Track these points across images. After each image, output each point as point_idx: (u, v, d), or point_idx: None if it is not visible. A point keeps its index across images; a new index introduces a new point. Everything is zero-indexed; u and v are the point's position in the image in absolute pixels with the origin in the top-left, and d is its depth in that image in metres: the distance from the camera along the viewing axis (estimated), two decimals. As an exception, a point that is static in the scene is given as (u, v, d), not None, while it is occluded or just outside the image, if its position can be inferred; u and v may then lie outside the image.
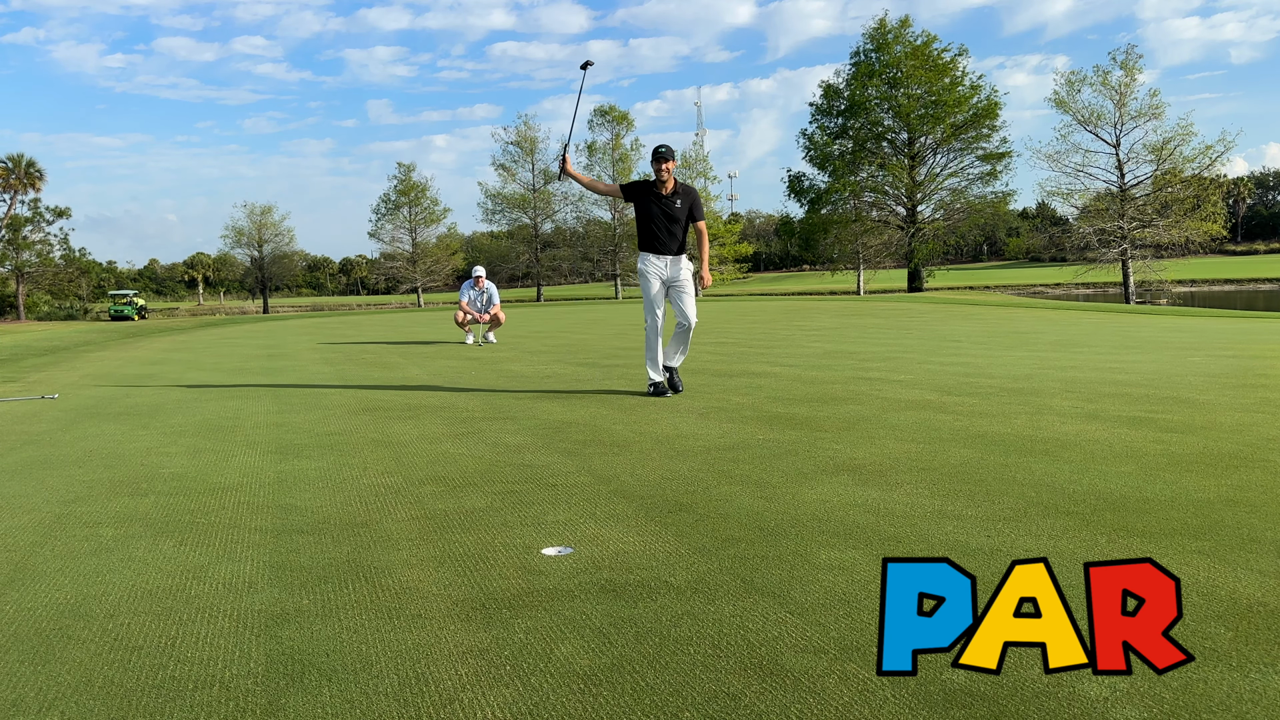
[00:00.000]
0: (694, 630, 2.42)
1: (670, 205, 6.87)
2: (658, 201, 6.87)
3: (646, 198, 6.91)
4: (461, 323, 14.48)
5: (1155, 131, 42.65)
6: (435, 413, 6.54)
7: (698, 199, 7.02)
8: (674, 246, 6.91)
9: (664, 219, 6.89)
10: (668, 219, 6.89)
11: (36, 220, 61.02)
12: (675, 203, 6.89)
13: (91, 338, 20.24)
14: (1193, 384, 6.83)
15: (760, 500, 3.73)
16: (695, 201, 6.98)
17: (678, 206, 6.89)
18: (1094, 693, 1.99)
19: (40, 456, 5.34)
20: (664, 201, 6.87)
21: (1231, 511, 3.34)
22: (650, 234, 6.92)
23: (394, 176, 67.16)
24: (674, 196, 6.89)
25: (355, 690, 2.14)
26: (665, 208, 6.87)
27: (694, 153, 59.90)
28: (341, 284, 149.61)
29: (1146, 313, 21.40)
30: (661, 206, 6.87)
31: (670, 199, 6.88)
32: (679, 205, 6.90)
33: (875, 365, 9.02)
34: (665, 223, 6.89)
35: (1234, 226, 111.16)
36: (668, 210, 6.88)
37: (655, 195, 6.88)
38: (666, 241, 6.91)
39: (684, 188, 6.95)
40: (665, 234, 6.90)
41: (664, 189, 6.88)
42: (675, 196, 6.89)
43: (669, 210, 6.88)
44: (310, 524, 3.61)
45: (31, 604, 2.80)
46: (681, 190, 6.93)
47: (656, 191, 6.88)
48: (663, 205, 6.87)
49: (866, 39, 50.72)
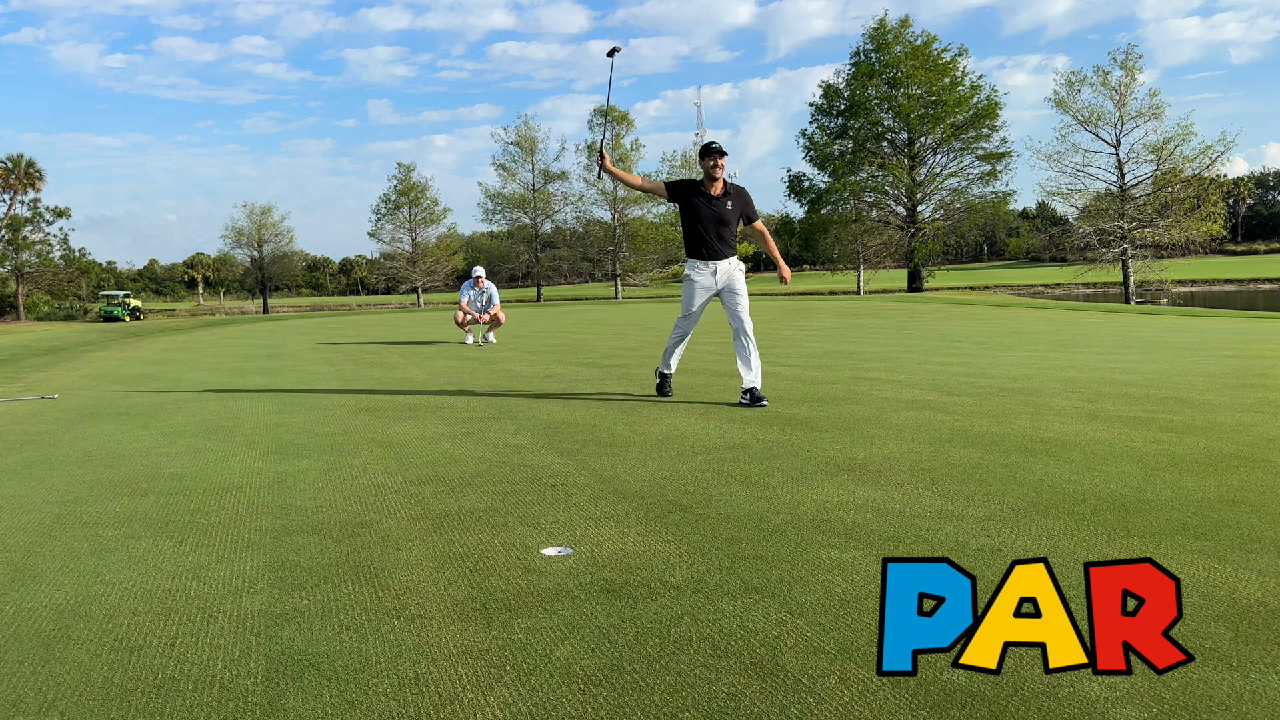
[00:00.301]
0: (694, 630, 2.42)
1: (721, 207, 6.39)
2: (707, 203, 6.38)
3: (694, 198, 6.41)
4: (461, 323, 14.48)
5: (1155, 131, 42.72)
6: (435, 413, 6.54)
7: (750, 199, 6.55)
8: (725, 251, 6.42)
9: (714, 222, 6.38)
10: (718, 221, 6.39)
11: (36, 220, 61.05)
12: (726, 204, 6.40)
13: (91, 338, 20.24)
14: (1193, 384, 6.83)
15: (760, 500, 3.73)
16: (748, 201, 6.51)
17: (729, 208, 6.41)
18: (1094, 693, 1.99)
19: (40, 456, 5.34)
20: (714, 203, 6.38)
21: (1231, 511, 3.34)
22: (699, 238, 6.42)
23: (394, 176, 67.28)
24: (725, 197, 6.41)
25: (355, 690, 2.14)
26: (716, 209, 6.38)
27: (694, 153, 59.91)
28: (341, 284, 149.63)
29: (1146, 313, 21.41)
30: (712, 208, 6.38)
31: (721, 200, 6.40)
32: (730, 207, 6.41)
33: (875, 365, 9.02)
34: (715, 225, 6.38)
35: (1234, 226, 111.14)
36: (718, 212, 6.39)
37: (704, 196, 6.39)
38: (717, 246, 6.40)
39: (734, 188, 6.47)
40: (715, 238, 6.39)
41: (714, 189, 6.39)
42: (726, 197, 6.42)
43: (719, 212, 6.39)
44: (310, 524, 3.61)
45: (31, 604, 2.80)
46: (732, 190, 6.45)
47: (705, 191, 6.39)
48: (713, 207, 6.38)
49: (866, 39, 50.78)
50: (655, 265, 61.89)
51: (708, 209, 6.37)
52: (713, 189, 6.37)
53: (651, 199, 57.34)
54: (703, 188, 6.39)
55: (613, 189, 60.70)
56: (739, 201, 6.44)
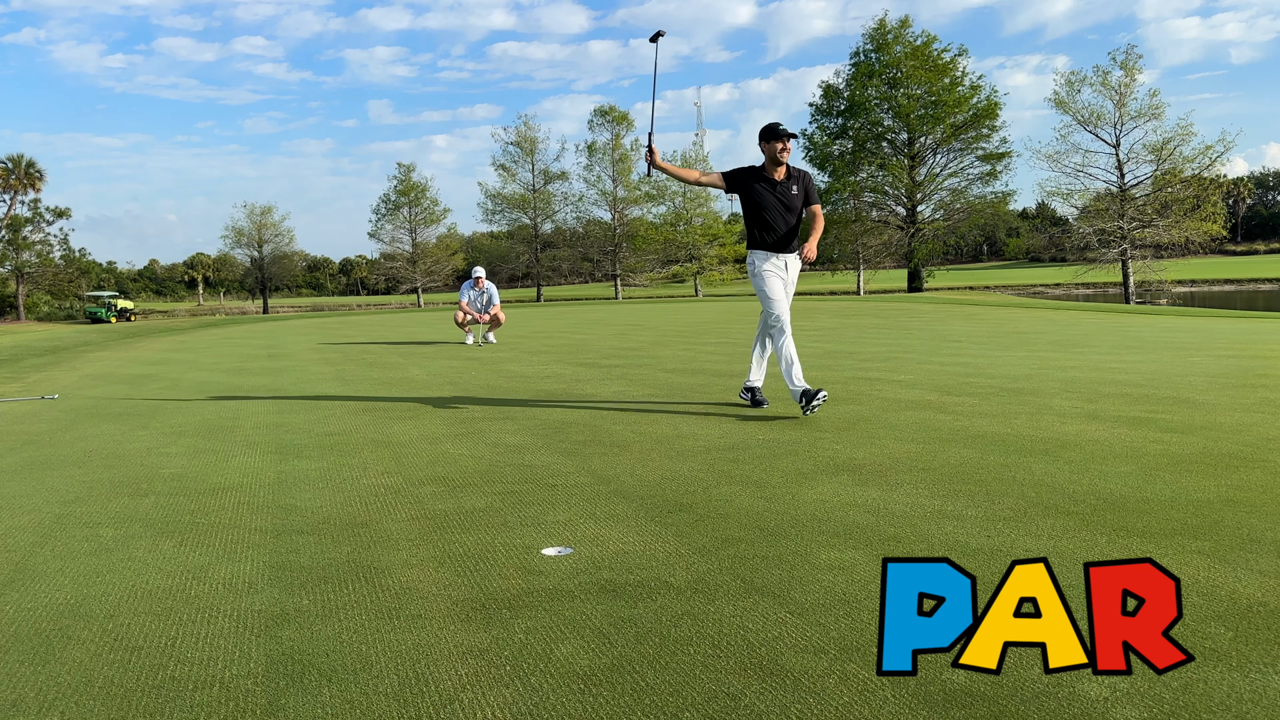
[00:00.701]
0: (694, 630, 2.42)
1: (787, 193, 5.88)
2: (772, 189, 5.86)
3: (757, 186, 5.88)
4: (461, 323, 14.48)
5: (1155, 132, 42.73)
6: (435, 413, 6.54)
7: (812, 182, 6.05)
8: (792, 241, 5.94)
9: (781, 210, 5.86)
10: (785, 208, 5.87)
11: (36, 220, 61.07)
12: (791, 189, 5.89)
13: (91, 338, 20.24)
14: (1193, 384, 6.83)
15: (760, 500, 3.73)
16: (810, 185, 6.01)
17: (794, 194, 5.90)
18: (1094, 693, 1.99)
19: (40, 457, 5.34)
20: (779, 188, 5.87)
21: (1231, 511, 3.34)
22: (765, 227, 5.88)
23: (394, 177, 67.33)
24: (789, 181, 5.89)
25: (355, 690, 2.14)
26: (782, 196, 5.87)
27: (694, 153, 60.02)
28: (341, 284, 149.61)
29: (1146, 313, 21.41)
30: (777, 195, 5.86)
31: (786, 185, 5.88)
32: (795, 192, 5.90)
33: (875, 365, 9.02)
34: (782, 213, 5.86)
35: (1234, 226, 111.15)
36: (784, 199, 5.87)
37: (768, 182, 5.87)
38: (785, 236, 5.90)
39: (797, 171, 5.96)
40: (784, 227, 5.87)
41: (777, 173, 5.87)
42: (791, 181, 5.90)
43: (786, 199, 5.87)
44: (310, 524, 3.61)
45: (31, 604, 2.80)
46: (796, 175, 5.94)
47: (769, 177, 5.87)
48: (779, 193, 5.86)
49: (866, 39, 50.79)
50: (655, 265, 61.94)
51: (773, 196, 5.86)
52: (776, 174, 5.87)
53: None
54: (765, 173, 5.88)
55: (612, 189, 60.73)
56: (803, 185, 5.96)
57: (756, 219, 5.90)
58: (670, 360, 10.22)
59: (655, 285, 65.14)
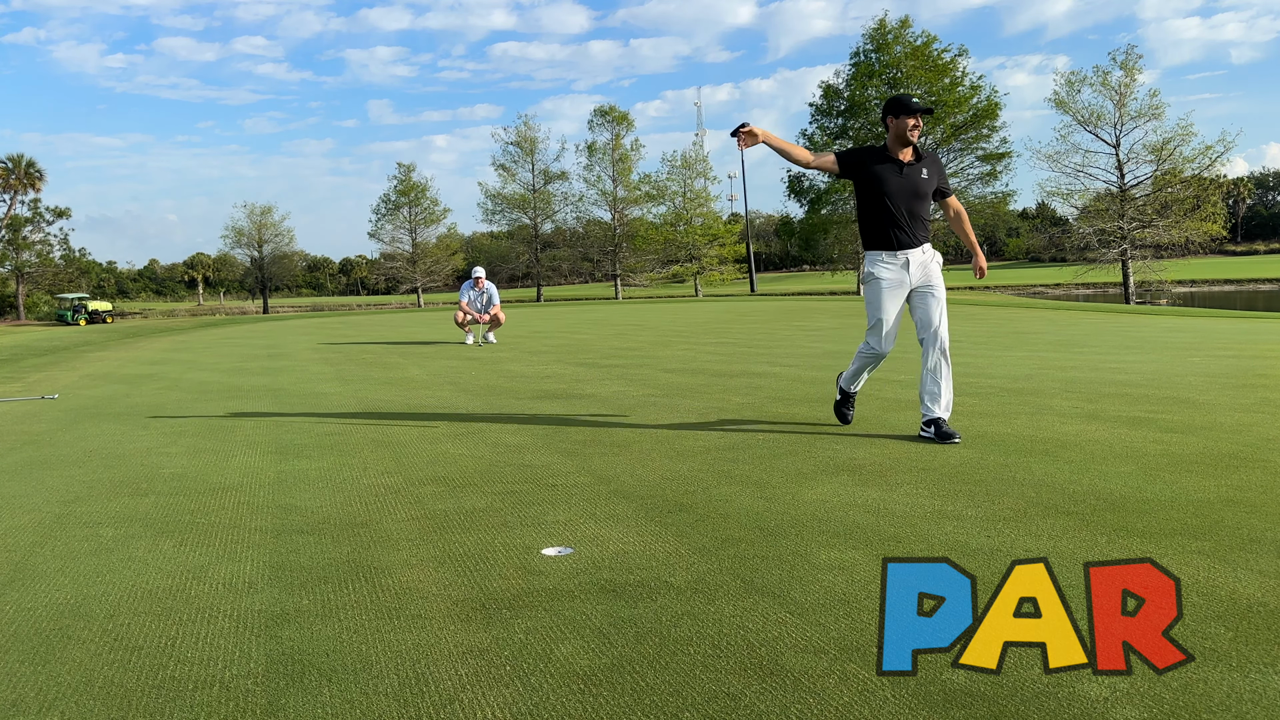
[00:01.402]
0: (694, 630, 2.42)
1: (915, 176, 4.91)
2: (897, 171, 4.89)
3: (878, 169, 4.91)
4: (461, 323, 14.49)
5: (1155, 132, 42.68)
6: (435, 413, 6.54)
7: (944, 168, 5.14)
8: (919, 234, 4.95)
9: (907, 196, 4.90)
10: (913, 195, 4.91)
11: (36, 220, 61.05)
12: (921, 172, 4.93)
13: (91, 338, 20.25)
14: (1193, 384, 6.83)
15: (760, 500, 3.73)
16: (943, 171, 5.07)
17: (924, 178, 4.93)
18: (1094, 693, 1.99)
19: (40, 456, 5.34)
20: (906, 171, 4.90)
21: (1231, 511, 3.34)
22: (887, 219, 4.90)
23: (394, 177, 67.25)
24: (919, 163, 4.95)
25: (355, 690, 2.14)
26: (909, 180, 4.89)
27: (694, 153, 60.04)
28: (341, 284, 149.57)
29: (1146, 313, 21.40)
30: (904, 178, 4.89)
31: (914, 168, 4.92)
32: (925, 176, 4.94)
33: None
34: (909, 201, 4.90)
35: (1234, 227, 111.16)
36: (913, 183, 4.90)
37: (892, 163, 4.90)
38: (911, 229, 4.92)
39: (928, 153, 5.05)
40: (907, 216, 4.90)
41: (904, 154, 4.93)
42: (920, 163, 4.95)
43: (914, 183, 4.90)
44: (310, 524, 3.61)
45: (31, 604, 2.80)
46: (927, 156, 5.02)
47: (893, 158, 4.91)
48: (905, 176, 4.89)
49: (866, 39, 50.77)
50: (655, 265, 61.94)
51: (898, 180, 4.88)
52: (903, 154, 4.92)
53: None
54: (888, 153, 4.93)
55: (612, 189, 60.74)
56: (935, 170, 5.00)
57: (876, 208, 4.92)
58: (670, 360, 10.22)
59: (655, 285, 65.12)
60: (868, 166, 4.93)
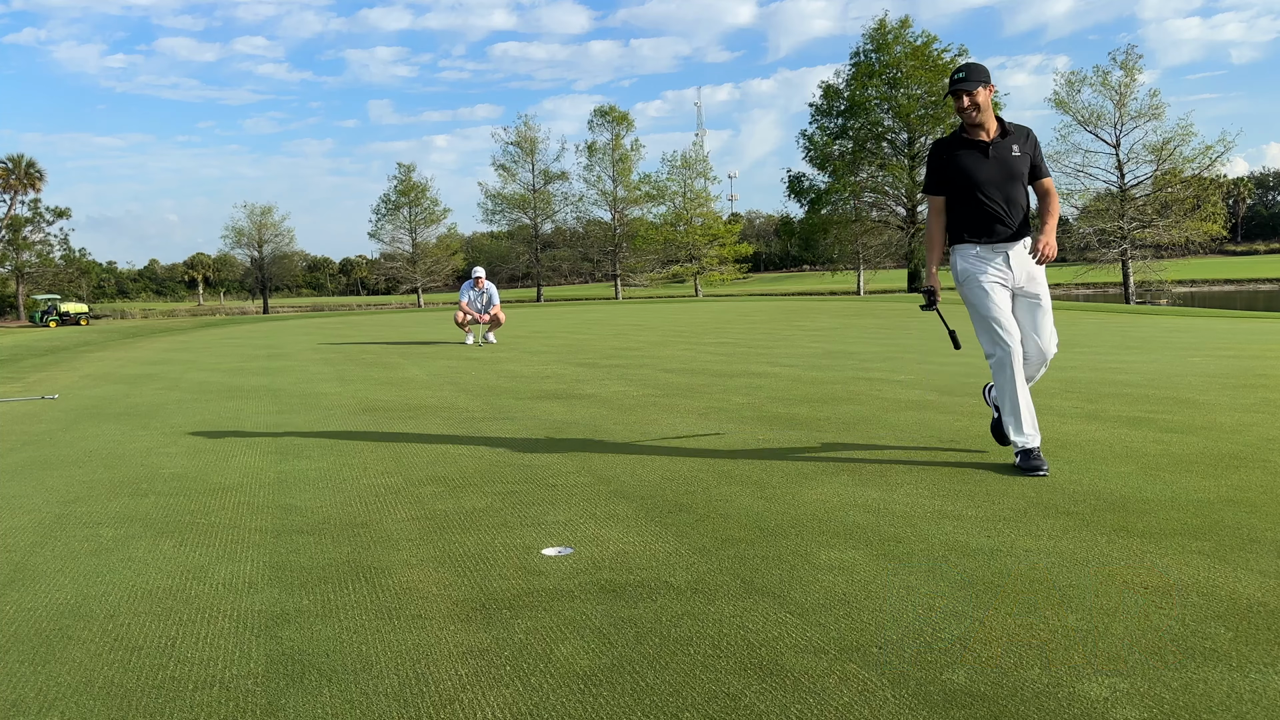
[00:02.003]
0: (694, 630, 2.42)
1: (1005, 154, 4.18)
2: (982, 154, 4.18)
3: (959, 153, 4.22)
4: (461, 323, 14.49)
5: (1155, 132, 42.71)
6: (435, 413, 6.54)
7: (1037, 142, 4.32)
8: (1015, 222, 4.19)
9: (999, 181, 4.16)
10: (1005, 177, 4.16)
11: (36, 220, 61.09)
12: (1011, 149, 4.18)
13: (92, 338, 20.25)
14: (1193, 384, 6.83)
15: (760, 500, 3.73)
16: (1036, 146, 4.30)
17: (1015, 155, 4.18)
18: (1094, 693, 1.99)
19: (40, 456, 5.34)
20: (993, 151, 4.17)
21: (1231, 511, 3.34)
22: (975, 207, 4.19)
23: (394, 177, 67.31)
24: (1007, 139, 4.20)
25: (355, 690, 2.14)
26: (1000, 159, 4.17)
27: (694, 153, 60.05)
28: (341, 284, 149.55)
29: (1146, 313, 21.40)
30: (993, 158, 4.17)
31: (1003, 145, 4.18)
32: (1017, 153, 4.19)
33: (875, 365, 9.02)
34: (1002, 186, 4.16)
35: (1234, 227, 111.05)
36: (1002, 164, 4.17)
37: (975, 146, 4.19)
38: (1005, 216, 4.16)
39: (1016, 127, 4.25)
40: (1002, 204, 4.16)
41: (983, 133, 4.20)
42: (1009, 139, 4.20)
43: (1004, 164, 4.17)
44: (310, 524, 3.61)
45: (31, 604, 2.80)
46: (1015, 131, 4.23)
47: (975, 141, 4.20)
48: (993, 156, 4.17)
49: (867, 39, 50.81)
50: (655, 265, 61.94)
51: (984, 163, 4.18)
52: (980, 135, 4.20)
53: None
54: (965, 135, 4.24)
55: (612, 189, 60.75)
56: (1027, 146, 4.24)
57: (963, 199, 4.22)
58: (670, 360, 10.22)
59: (655, 285, 65.10)
60: (950, 162, 4.24)
